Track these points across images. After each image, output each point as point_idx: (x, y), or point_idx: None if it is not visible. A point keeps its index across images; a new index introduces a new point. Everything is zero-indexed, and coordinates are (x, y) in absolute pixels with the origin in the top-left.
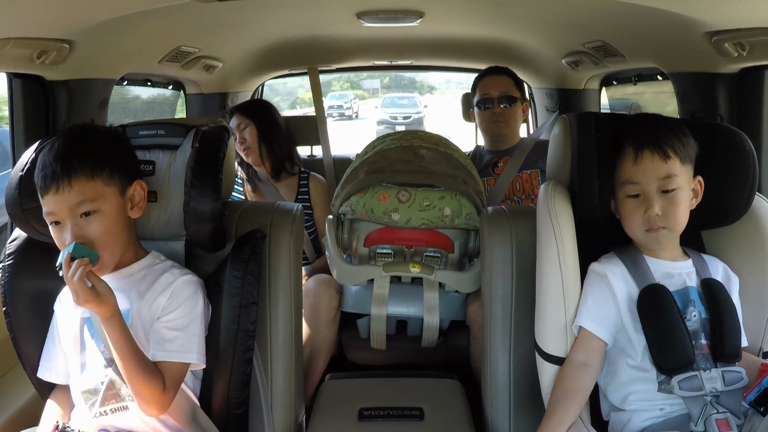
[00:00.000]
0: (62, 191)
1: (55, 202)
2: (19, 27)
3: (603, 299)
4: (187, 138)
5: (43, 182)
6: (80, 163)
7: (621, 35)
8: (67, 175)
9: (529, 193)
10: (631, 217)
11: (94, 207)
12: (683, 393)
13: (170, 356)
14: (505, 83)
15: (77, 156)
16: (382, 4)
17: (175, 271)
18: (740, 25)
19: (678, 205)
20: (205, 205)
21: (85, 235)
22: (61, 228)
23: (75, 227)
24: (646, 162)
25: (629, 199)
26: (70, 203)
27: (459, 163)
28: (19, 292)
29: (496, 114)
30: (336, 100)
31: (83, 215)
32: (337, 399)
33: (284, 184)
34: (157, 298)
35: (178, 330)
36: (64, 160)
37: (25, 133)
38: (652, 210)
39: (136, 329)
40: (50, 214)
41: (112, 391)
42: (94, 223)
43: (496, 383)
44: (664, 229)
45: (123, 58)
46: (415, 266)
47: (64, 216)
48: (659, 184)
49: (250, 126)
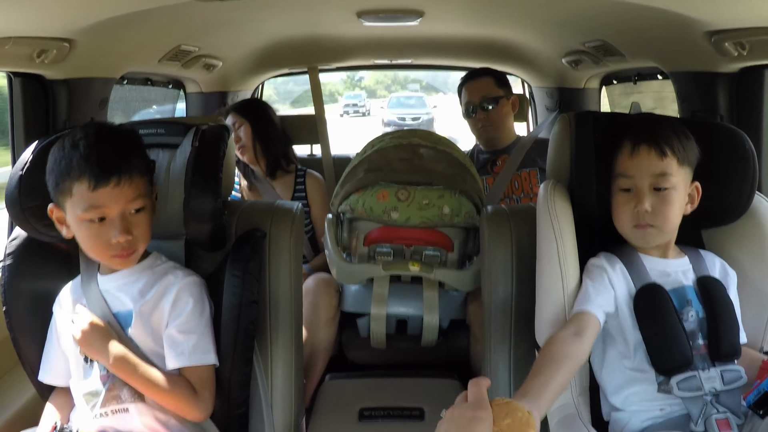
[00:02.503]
0: (122, 185)
1: (111, 196)
2: (18, 26)
3: (602, 286)
4: (187, 137)
5: (98, 175)
6: (136, 159)
7: (621, 34)
8: (128, 169)
9: (527, 191)
10: (621, 211)
11: (145, 203)
12: (682, 393)
13: (189, 361)
14: (484, 86)
15: (132, 152)
16: (383, 3)
17: (177, 272)
18: (740, 24)
19: (669, 204)
20: (205, 204)
21: (131, 231)
22: (103, 225)
23: (125, 222)
24: (641, 156)
25: (621, 192)
26: (128, 197)
27: (458, 162)
28: (19, 292)
29: (482, 119)
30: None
31: (136, 211)
32: (337, 399)
33: (281, 182)
34: (161, 300)
35: (192, 333)
36: (122, 156)
37: (25, 133)
38: (641, 205)
39: (139, 330)
40: (97, 209)
41: (114, 393)
42: (143, 219)
43: (496, 383)
44: (652, 228)
45: (123, 57)
46: (414, 265)
47: (114, 211)
48: (653, 180)
49: (245, 125)
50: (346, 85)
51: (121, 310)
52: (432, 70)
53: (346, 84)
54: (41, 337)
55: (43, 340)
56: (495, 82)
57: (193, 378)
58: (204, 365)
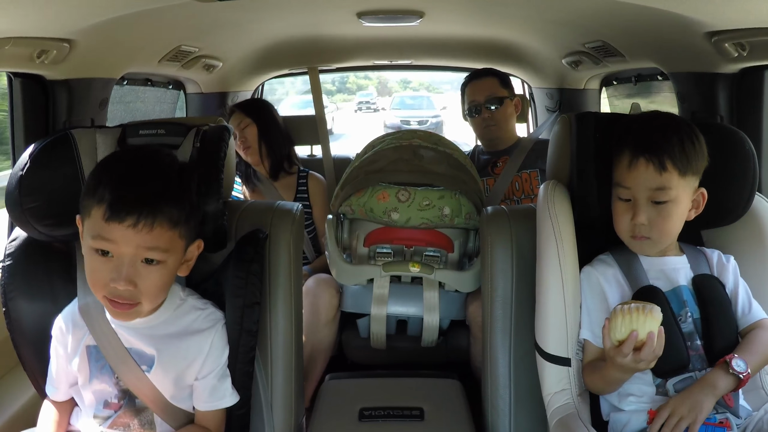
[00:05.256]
0: (140, 229)
1: (125, 237)
2: (19, 26)
3: (596, 310)
4: (188, 138)
5: (117, 207)
6: (169, 207)
7: (621, 35)
8: (151, 215)
9: (528, 192)
10: (619, 219)
11: (163, 258)
12: None
13: (220, 404)
14: (489, 86)
15: (168, 199)
16: (383, 3)
17: (201, 313)
18: (740, 25)
19: (667, 218)
20: (207, 205)
21: (136, 282)
22: (108, 262)
23: (132, 270)
24: (639, 170)
25: (620, 201)
26: (143, 244)
27: (458, 163)
28: (19, 293)
29: (487, 119)
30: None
31: (146, 261)
32: (337, 399)
33: (283, 183)
34: (189, 351)
35: (226, 377)
36: (152, 198)
37: (25, 133)
38: (638, 218)
39: (160, 376)
40: (106, 242)
41: (124, 420)
42: (155, 274)
43: (496, 383)
44: (648, 240)
45: (123, 58)
46: (414, 266)
47: (124, 251)
48: (650, 194)
49: (251, 125)
50: (400, 86)
51: (138, 348)
52: (432, 71)
53: (400, 85)
54: (41, 338)
55: (43, 341)
56: (500, 83)
57: (218, 415)
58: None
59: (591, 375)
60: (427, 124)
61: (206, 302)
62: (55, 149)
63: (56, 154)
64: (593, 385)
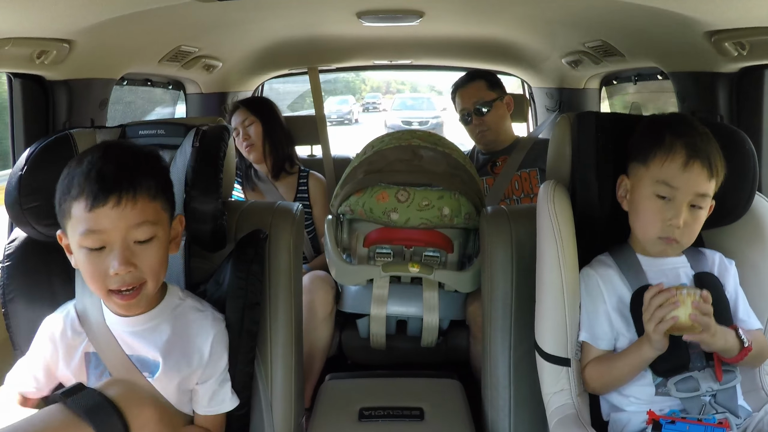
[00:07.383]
0: (124, 205)
1: (111, 218)
2: (19, 26)
3: (594, 312)
4: (187, 138)
5: (96, 191)
6: (144, 178)
7: (621, 35)
8: (132, 188)
9: (528, 192)
10: (651, 218)
11: (153, 232)
12: (680, 394)
13: (220, 409)
14: (476, 90)
15: (141, 171)
16: (382, 3)
17: (200, 315)
18: (740, 24)
19: (699, 223)
20: (206, 204)
21: (134, 262)
22: (102, 255)
23: (127, 252)
24: (695, 172)
25: (657, 198)
26: (130, 222)
27: (458, 163)
28: (18, 293)
29: (479, 125)
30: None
31: (138, 242)
32: (337, 399)
33: (283, 182)
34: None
35: (225, 381)
36: (127, 172)
37: (25, 133)
38: (677, 220)
39: (164, 381)
40: (96, 234)
41: None
42: (150, 250)
43: (496, 383)
44: (676, 242)
45: (123, 58)
46: (414, 266)
47: (115, 237)
48: (693, 198)
49: (256, 123)
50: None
51: (141, 354)
52: (432, 71)
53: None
54: None
55: None
56: (487, 85)
57: (218, 419)
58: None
59: (597, 369)
60: (428, 124)
61: (205, 303)
62: (55, 149)
63: (56, 155)
64: (600, 380)
